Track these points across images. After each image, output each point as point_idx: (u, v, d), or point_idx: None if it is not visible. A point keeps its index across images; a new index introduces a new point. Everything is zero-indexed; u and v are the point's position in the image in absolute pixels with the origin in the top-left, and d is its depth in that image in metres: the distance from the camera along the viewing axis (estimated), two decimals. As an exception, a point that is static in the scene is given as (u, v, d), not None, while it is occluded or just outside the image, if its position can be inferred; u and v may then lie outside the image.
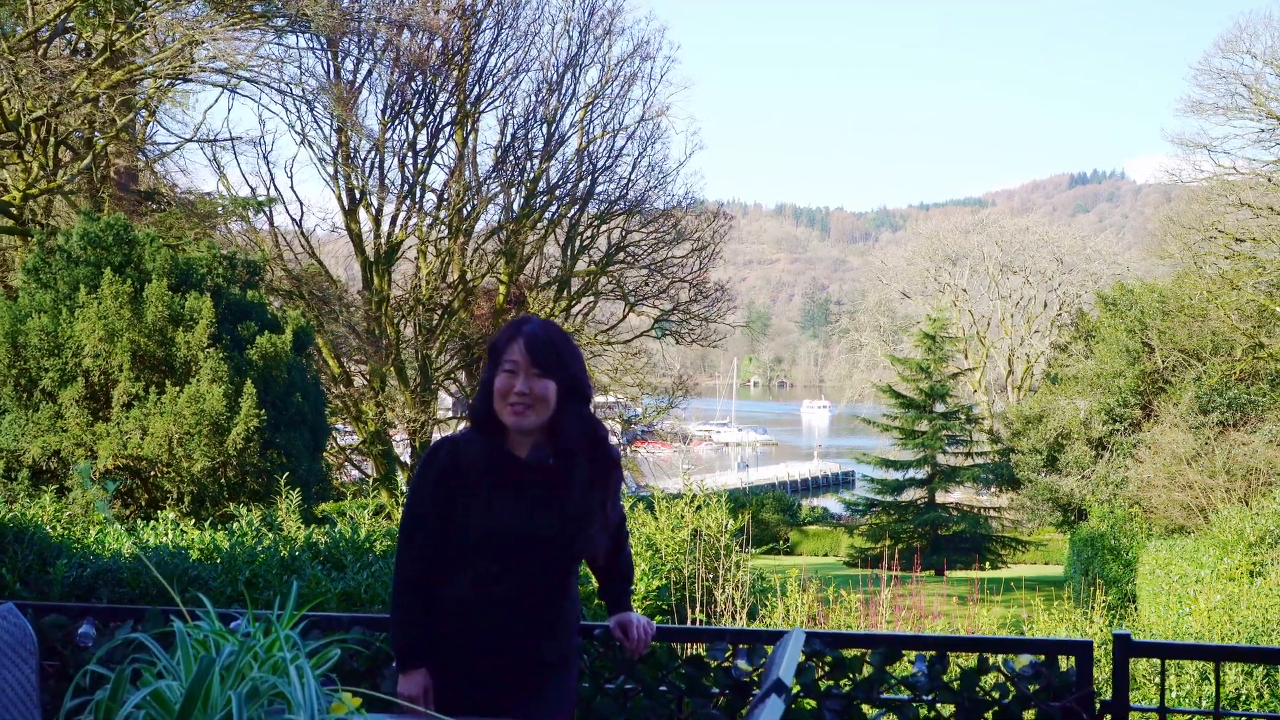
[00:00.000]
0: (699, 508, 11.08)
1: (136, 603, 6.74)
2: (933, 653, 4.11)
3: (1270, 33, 28.00)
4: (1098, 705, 3.96)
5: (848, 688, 4.08)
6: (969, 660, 5.28)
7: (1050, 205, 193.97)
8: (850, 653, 4.12)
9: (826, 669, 4.12)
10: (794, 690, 3.88)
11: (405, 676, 3.58)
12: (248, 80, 21.63)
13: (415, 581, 3.63)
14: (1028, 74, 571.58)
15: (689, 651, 4.43)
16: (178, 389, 13.89)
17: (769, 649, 4.09)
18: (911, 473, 36.51)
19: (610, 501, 3.86)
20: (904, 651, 4.19)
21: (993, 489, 40.31)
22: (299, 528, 10.23)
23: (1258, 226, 25.84)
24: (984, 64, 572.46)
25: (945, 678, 4.06)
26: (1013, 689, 4.02)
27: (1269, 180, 26.25)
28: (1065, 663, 4.02)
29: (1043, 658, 4.04)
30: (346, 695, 2.50)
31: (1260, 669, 8.52)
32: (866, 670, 4.10)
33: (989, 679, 4.13)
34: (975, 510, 37.34)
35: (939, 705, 4.15)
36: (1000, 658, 4.09)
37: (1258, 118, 25.86)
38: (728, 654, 4.22)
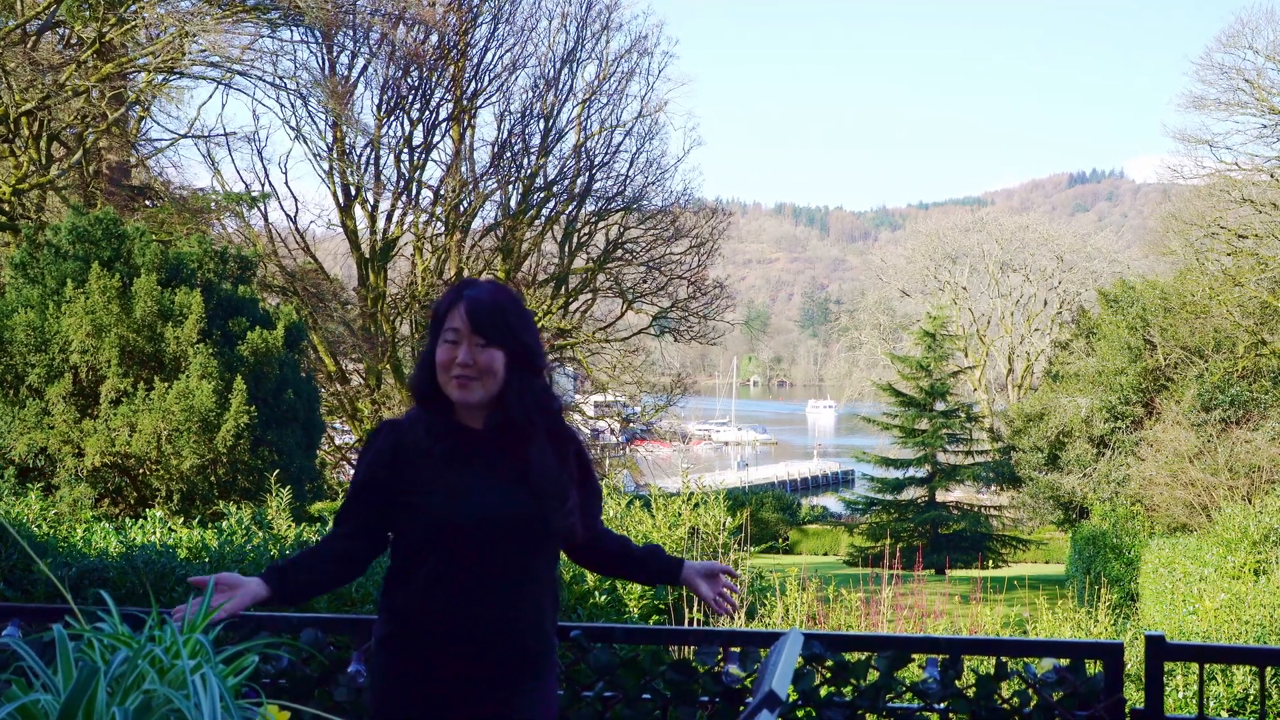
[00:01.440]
0: (696, 506, 10.91)
1: (124, 603, 6.50)
2: (945, 656, 3.78)
3: (1272, 28, 27.79)
4: (1128, 713, 3.69)
5: (851, 695, 3.76)
6: (985, 665, 4.98)
7: (1049, 204, 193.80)
8: (854, 656, 3.79)
9: (827, 674, 3.78)
10: (791, 698, 3.50)
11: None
12: (240, 74, 21.44)
13: (319, 549, 3.30)
14: (1026, 73, 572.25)
15: (682, 655, 4.10)
16: (166, 385, 13.70)
17: (764, 652, 3.79)
18: (912, 471, 36.32)
19: (584, 488, 3.46)
20: (913, 655, 3.88)
21: (993, 487, 40.09)
22: (289, 526, 10.07)
23: (1260, 222, 25.60)
24: (983, 63, 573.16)
25: (959, 684, 3.73)
26: (1034, 696, 3.70)
27: (1271, 176, 26.05)
28: (1092, 667, 3.74)
29: (1067, 661, 3.72)
30: (272, 709, 2.21)
31: (1270, 670, 8.34)
32: (872, 676, 3.77)
33: (1007, 686, 3.83)
34: (976, 509, 37.16)
35: (952, 714, 3.78)
36: (1020, 662, 3.78)
37: (1260, 113, 25.63)
38: (718, 658, 3.86)
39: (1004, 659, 3.78)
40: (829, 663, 3.78)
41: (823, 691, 3.79)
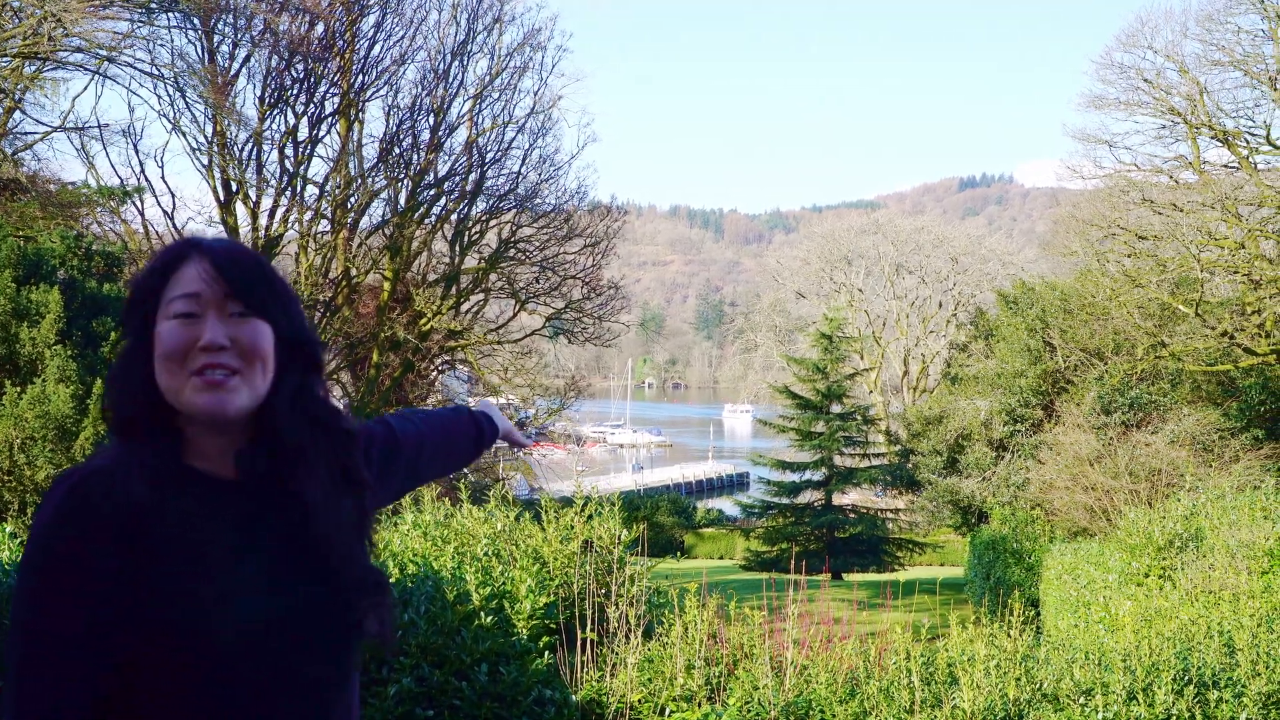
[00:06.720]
0: (590, 517, 10.28)
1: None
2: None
3: (1171, 27, 27.82)
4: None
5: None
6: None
7: (941, 208, 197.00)
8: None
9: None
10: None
11: None
12: (110, 61, 20.37)
13: None
14: (917, 78, 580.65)
15: None
16: (20, 390, 12.80)
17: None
18: (808, 474, 36.02)
19: (380, 489, 2.33)
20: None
21: (891, 490, 40.04)
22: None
23: (1159, 223, 25.59)
24: (874, 67, 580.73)
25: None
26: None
27: (1170, 177, 26.05)
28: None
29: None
30: None
31: (1191, 688, 7.94)
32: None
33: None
34: (872, 512, 36.98)
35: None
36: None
37: (1158, 113, 25.60)
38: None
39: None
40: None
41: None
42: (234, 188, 26.66)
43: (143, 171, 26.40)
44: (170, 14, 22.04)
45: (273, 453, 2.00)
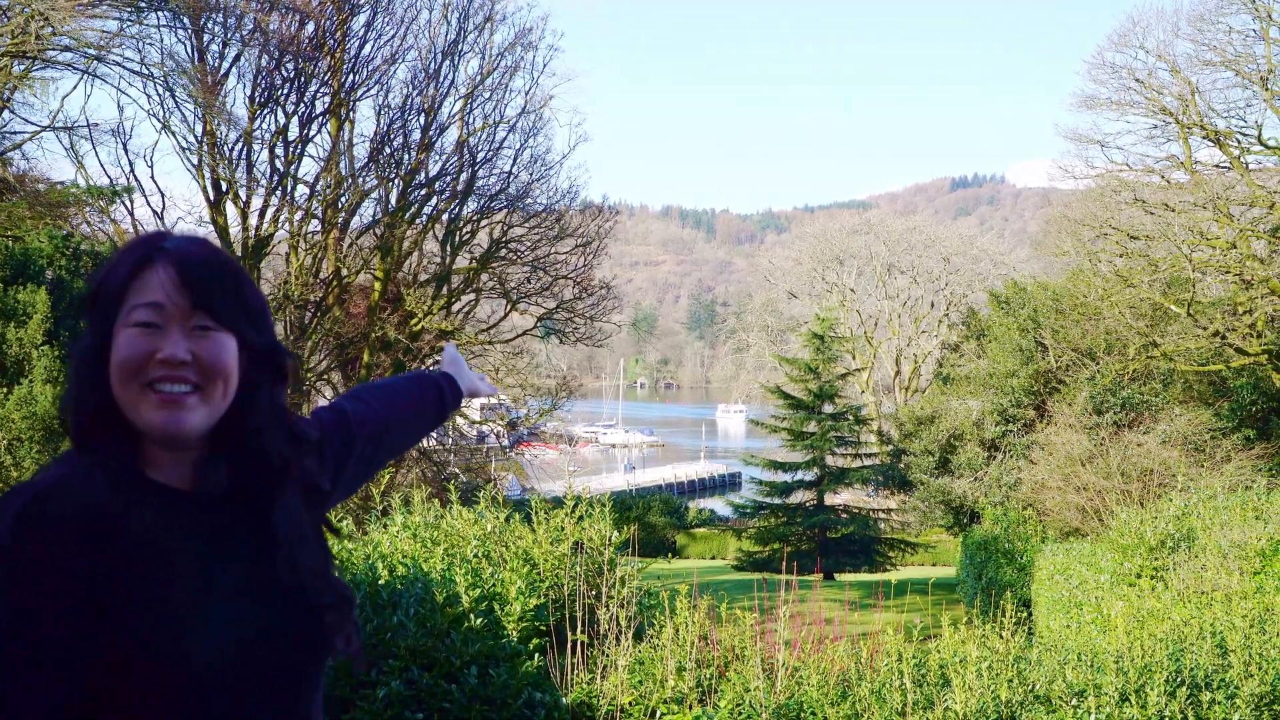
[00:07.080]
0: (581, 518, 10.23)
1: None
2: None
3: (1162, 27, 27.91)
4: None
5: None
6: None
7: (933, 208, 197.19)
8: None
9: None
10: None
11: None
12: (98, 59, 20.25)
13: None
14: (910, 78, 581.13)
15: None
16: (6, 390, 12.71)
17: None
18: (800, 474, 35.97)
19: (340, 485, 2.29)
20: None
21: (883, 490, 39.99)
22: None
23: (1151, 223, 25.54)
24: (867, 67, 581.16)
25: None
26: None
27: (1161, 177, 26.00)
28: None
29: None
30: None
31: (1183, 689, 7.89)
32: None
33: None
34: (864, 512, 36.95)
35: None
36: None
37: (1150, 113, 25.54)
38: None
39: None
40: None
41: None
42: (224, 187, 26.53)
43: (132, 171, 26.29)
44: (159, 13, 21.89)
45: (236, 465, 1.93)
